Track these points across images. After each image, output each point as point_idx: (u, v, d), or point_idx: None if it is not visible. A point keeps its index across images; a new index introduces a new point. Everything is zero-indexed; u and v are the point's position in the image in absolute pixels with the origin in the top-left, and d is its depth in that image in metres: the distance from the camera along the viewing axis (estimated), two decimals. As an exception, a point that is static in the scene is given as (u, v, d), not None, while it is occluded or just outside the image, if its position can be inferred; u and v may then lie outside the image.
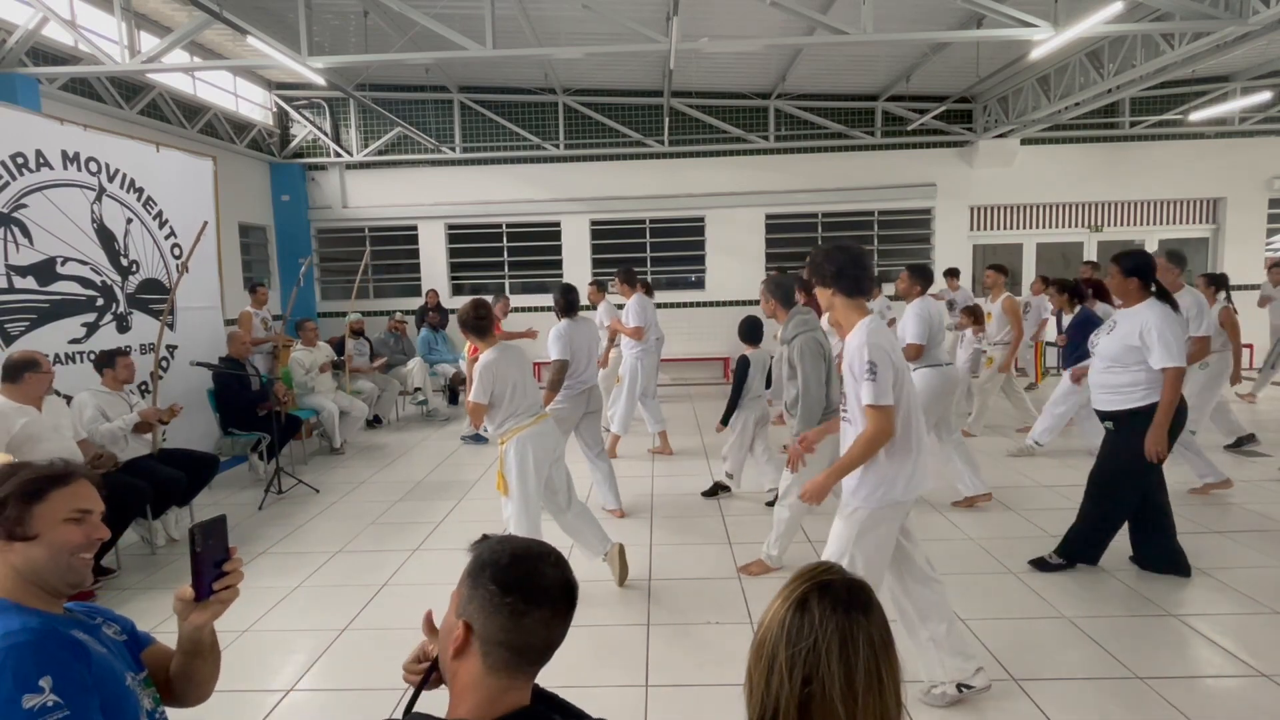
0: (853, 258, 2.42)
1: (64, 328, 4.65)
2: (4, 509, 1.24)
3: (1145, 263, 3.30)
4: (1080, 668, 2.77)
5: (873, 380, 2.28)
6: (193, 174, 5.97)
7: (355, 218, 11.33)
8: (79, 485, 1.31)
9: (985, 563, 3.77)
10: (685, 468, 5.82)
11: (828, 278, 2.43)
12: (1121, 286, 3.34)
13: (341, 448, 6.66)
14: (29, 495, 1.26)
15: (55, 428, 3.69)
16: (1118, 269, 3.33)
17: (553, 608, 1.04)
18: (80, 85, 7.30)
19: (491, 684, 1.03)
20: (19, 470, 1.30)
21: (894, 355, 2.35)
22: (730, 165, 10.95)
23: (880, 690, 0.92)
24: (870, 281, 2.48)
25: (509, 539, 1.11)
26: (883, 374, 2.28)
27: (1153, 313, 3.21)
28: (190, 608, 1.33)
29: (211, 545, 1.32)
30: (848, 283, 2.41)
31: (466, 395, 3.51)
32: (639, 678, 2.78)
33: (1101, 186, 10.70)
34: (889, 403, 2.29)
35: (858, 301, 2.44)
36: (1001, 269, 6.61)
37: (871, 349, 2.30)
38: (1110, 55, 7.55)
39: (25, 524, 1.24)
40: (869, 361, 2.28)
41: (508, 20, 7.32)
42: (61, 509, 1.28)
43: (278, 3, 7.28)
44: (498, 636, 1.02)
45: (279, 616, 3.39)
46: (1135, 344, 3.23)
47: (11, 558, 1.24)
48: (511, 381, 3.42)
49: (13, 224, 4.32)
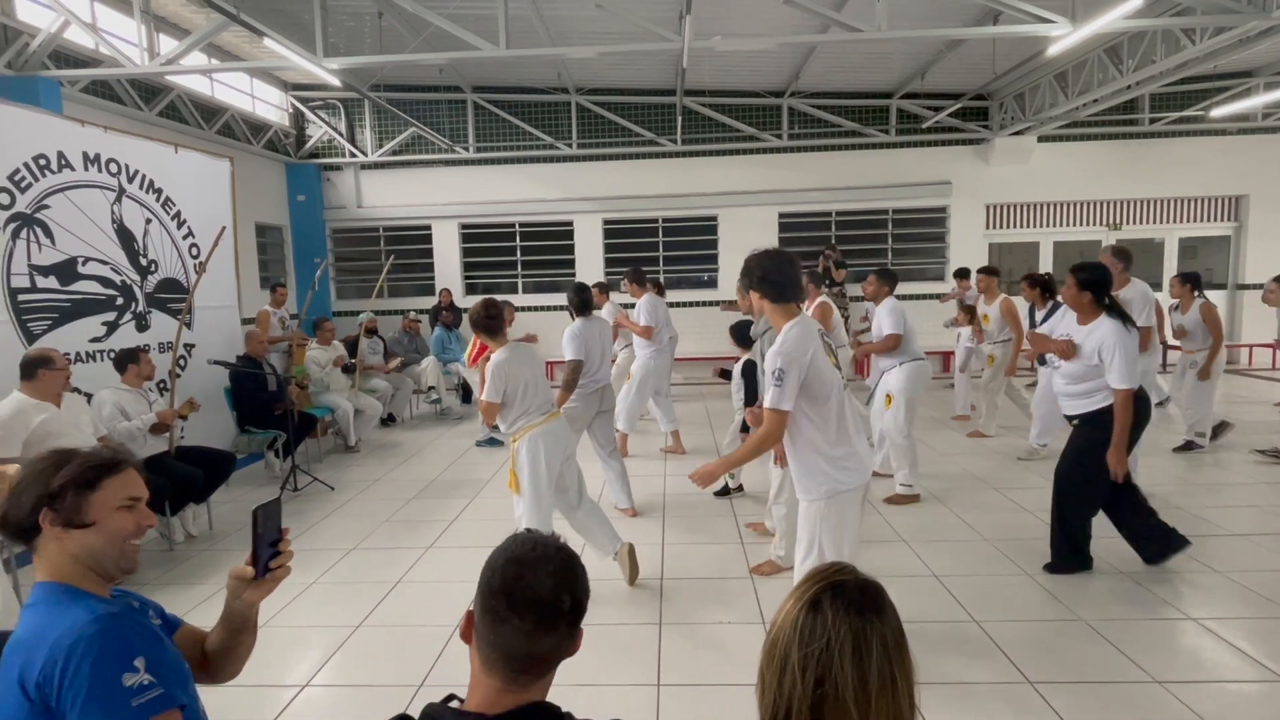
0: (779, 264, 2.53)
1: (85, 326, 4.72)
2: (63, 498, 1.26)
3: (1102, 277, 3.40)
4: (1097, 671, 2.74)
5: (778, 386, 2.40)
6: (210, 175, 6.04)
7: (370, 218, 11.42)
8: (129, 473, 1.34)
9: (1000, 565, 3.74)
10: (698, 467, 5.80)
11: (754, 281, 2.55)
12: (1076, 299, 3.42)
13: (356, 446, 6.72)
14: (85, 484, 1.28)
15: (75, 424, 3.74)
16: (1074, 280, 3.41)
17: (536, 620, 1.00)
18: (101, 87, 7.40)
19: (486, 683, 1.03)
20: (69, 458, 1.31)
21: (814, 361, 2.42)
22: (743, 164, 10.91)
23: (894, 692, 0.92)
24: (797, 288, 2.57)
25: (527, 539, 1.08)
26: (788, 381, 2.39)
27: (1110, 330, 3.30)
28: (245, 585, 1.39)
29: (269, 526, 1.38)
30: (772, 288, 2.52)
31: (479, 394, 3.52)
32: (651, 676, 2.79)
33: (1120, 184, 10.57)
34: (786, 408, 2.41)
35: (786, 306, 2.54)
36: (993, 271, 6.62)
37: (783, 356, 2.40)
38: (1130, 51, 7.45)
39: (83, 512, 1.27)
40: (778, 369, 2.40)
41: (521, 20, 7.34)
42: (115, 497, 1.30)
43: (294, 4, 7.35)
44: (485, 636, 1.02)
45: (295, 612, 3.43)
46: (1095, 363, 3.34)
47: (69, 545, 1.26)
48: (523, 380, 3.43)
49: (35, 224, 4.39)
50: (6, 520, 1.28)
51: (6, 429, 3.42)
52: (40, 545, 1.27)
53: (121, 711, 1.13)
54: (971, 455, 5.83)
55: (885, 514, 4.50)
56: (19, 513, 1.26)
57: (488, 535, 1.11)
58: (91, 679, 1.12)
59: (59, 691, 1.12)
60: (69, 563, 1.27)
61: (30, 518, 1.26)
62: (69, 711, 1.12)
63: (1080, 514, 3.55)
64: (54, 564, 1.27)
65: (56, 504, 1.26)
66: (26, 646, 1.17)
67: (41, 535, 1.26)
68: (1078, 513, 3.54)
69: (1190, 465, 5.42)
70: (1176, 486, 4.88)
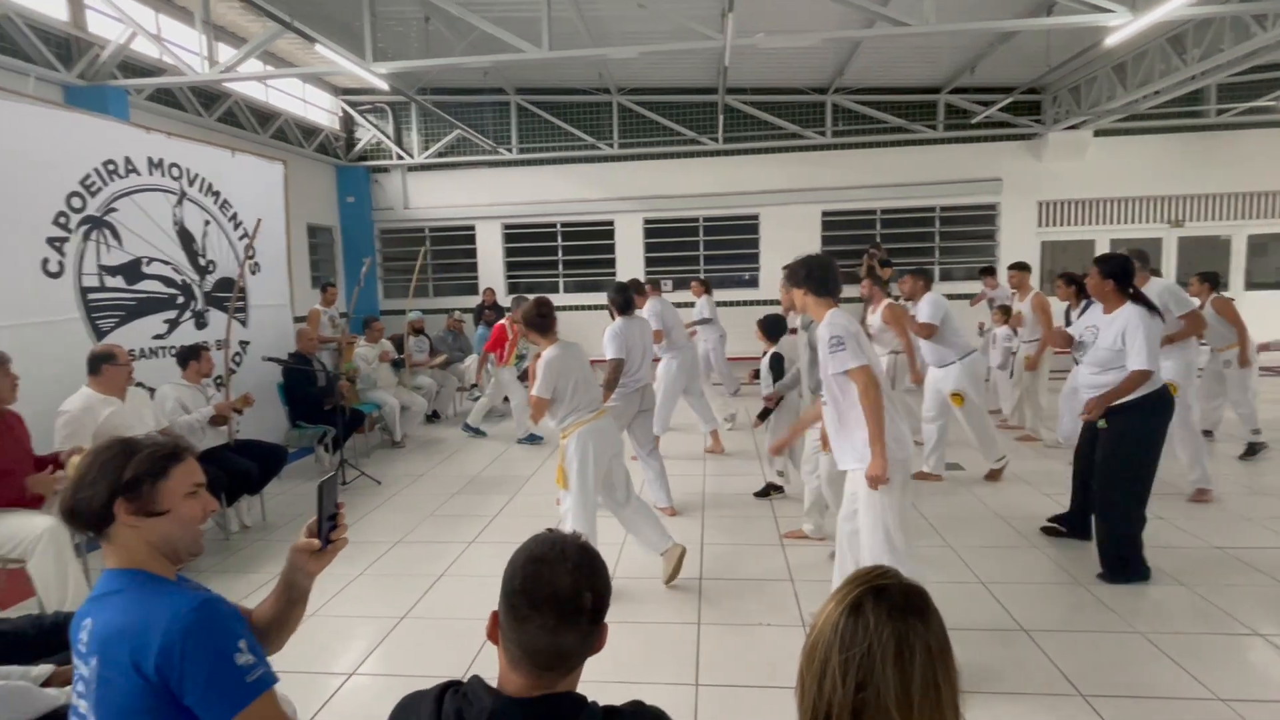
0: (820, 263, 2.86)
1: (148, 324, 4.93)
2: (137, 487, 1.31)
3: (1124, 267, 3.44)
4: (1154, 685, 2.63)
5: (842, 349, 2.63)
6: (265, 177, 6.24)
7: (416, 218, 11.66)
8: (191, 461, 1.40)
9: (1050, 572, 3.62)
10: (737, 467, 5.78)
11: (800, 279, 2.86)
12: (1099, 288, 3.46)
13: (402, 441, 6.87)
14: (157, 473, 1.33)
15: (138, 417, 3.91)
16: (1097, 270, 3.47)
17: (558, 617, 1.01)
18: (164, 95, 7.73)
19: (514, 680, 1.05)
20: (133, 448, 1.35)
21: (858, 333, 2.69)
22: (786, 162, 10.81)
23: (938, 699, 0.90)
24: (836, 283, 2.84)
25: (547, 538, 1.09)
26: (848, 343, 2.63)
27: (1132, 313, 3.35)
28: (306, 557, 1.45)
29: (328, 500, 1.44)
30: (815, 283, 2.84)
31: (529, 390, 3.56)
32: (689, 676, 2.78)
33: (1183, 179, 10.13)
34: (863, 361, 2.62)
35: (825, 300, 2.83)
36: (1024, 267, 6.48)
37: (832, 327, 2.68)
38: (1195, 39, 7.13)
39: (157, 500, 1.32)
40: (833, 337, 2.66)
41: (563, 22, 7.40)
42: (183, 484, 1.36)
43: (344, 11, 7.56)
44: (510, 634, 1.04)
45: (343, 603, 3.53)
46: (1120, 347, 3.36)
47: (145, 533, 1.32)
48: (574, 377, 3.49)
49: (105, 227, 4.61)
50: (77, 510, 1.31)
51: (77, 422, 3.60)
52: (113, 534, 1.31)
53: (239, 688, 1.21)
54: (1017, 458, 5.66)
55: (930, 519, 4.41)
56: (92, 503, 1.30)
57: (528, 532, 1.13)
58: (210, 661, 1.21)
59: (180, 674, 1.19)
60: (144, 549, 1.32)
61: (105, 508, 1.30)
62: (191, 691, 1.19)
63: (1131, 515, 3.43)
64: (129, 551, 1.32)
65: (131, 494, 1.30)
66: (134, 632, 1.21)
67: (115, 524, 1.31)
68: (1128, 514, 3.43)
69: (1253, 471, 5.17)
70: (1240, 494, 4.66)
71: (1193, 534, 4.02)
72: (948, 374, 5.02)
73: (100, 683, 1.22)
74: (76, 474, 1.34)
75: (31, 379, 3.43)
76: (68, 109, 5.06)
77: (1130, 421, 3.37)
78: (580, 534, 1.13)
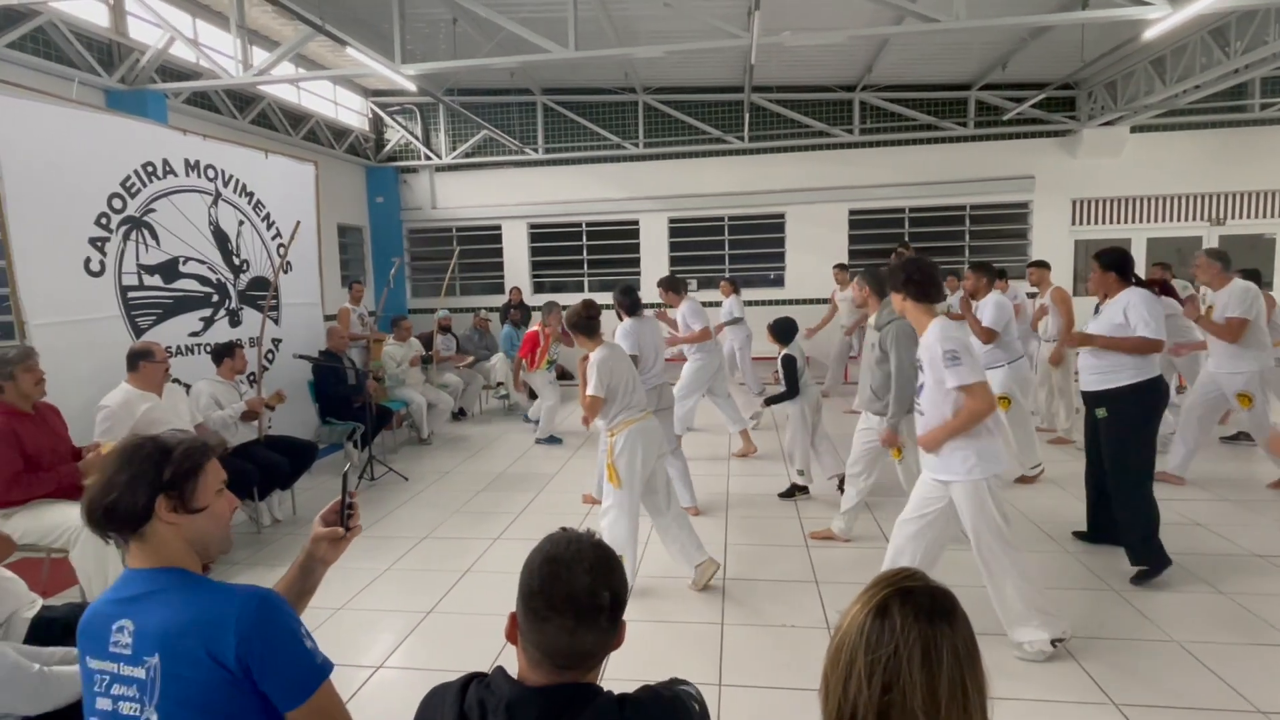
0: (921, 267, 2.82)
1: (185, 322, 5.06)
2: (178, 485, 1.32)
3: (1122, 259, 3.55)
4: (1190, 696, 2.56)
5: (959, 363, 2.60)
6: (296, 178, 6.37)
7: (444, 218, 11.79)
8: (215, 459, 1.42)
9: (1083, 578, 3.55)
10: (763, 468, 5.76)
11: (899, 284, 2.84)
12: (1101, 281, 3.57)
13: (429, 438, 6.96)
14: (192, 470, 1.34)
15: (174, 413, 4.02)
16: (1097, 265, 3.58)
17: (577, 617, 1.02)
18: (200, 98, 7.92)
19: (534, 679, 1.06)
20: (165, 445, 1.35)
21: (969, 344, 2.71)
22: (812, 160, 10.72)
23: (965, 703, 0.89)
24: (939, 289, 2.83)
25: (562, 538, 1.10)
26: (965, 358, 2.61)
27: (1134, 294, 3.45)
28: (327, 545, 1.50)
29: (348, 489, 1.51)
30: (916, 289, 2.81)
31: (582, 390, 3.58)
32: (713, 676, 2.78)
33: (1225, 175, 9.84)
34: (980, 379, 2.61)
35: (926, 306, 2.80)
36: (1044, 264, 6.31)
37: (946, 340, 2.65)
38: (1238, 32, 6.91)
39: (196, 497, 1.34)
40: (948, 351, 2.62)
41: (589, 22, 7.42)
42: (214, 481, 1.39)
43: (373, 14, 7.66)
44: (529, 635, 1.05)
45: (371, 596, 3.59)
46: (1120, 322, 3.44)
47: (185, 530, 1.33)
48: (624, 377, 3.55)
49: (144, 227, 4.74)
50: (116, 510, 1.29)
51: (116, 417, 3.70)
52: (149, 532, 1.31)
53: (312, 670, 1.29)
54: (1050, 462, 5.54)
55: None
56: (134, 502, 1.29)
57: (552, 529, 1.16)
58: (286, 647, 1.27)
59: (261, 661, 1.24)
60: (181, 548, 1.34)
61: (146, 507, 1.30)
62: (270, 677, 1.25)
63: (1142, 491, 3.43)
64: (166, 549, 1.33)
65: (173, 490, 1.32)
66: (205, 625, 1.24)
67: (151, 522, 1.31)
68: (1140, 491, 3.44)
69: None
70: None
71: (1231, 540, 3.91)
72: (994, 377, 4.82)
73: (168, 679, 1.24)
74: (102, 476, 1.32)
75: (73, 375, 3.54)
76: (110, 112, 5.21)
77: (1127, 407, 3.47)
78: (594, 532, 1.13)
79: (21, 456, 3.21)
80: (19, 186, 3.85)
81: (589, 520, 4.55)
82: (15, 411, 3.25)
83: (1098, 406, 3.58)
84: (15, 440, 3.19)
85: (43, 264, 4.00)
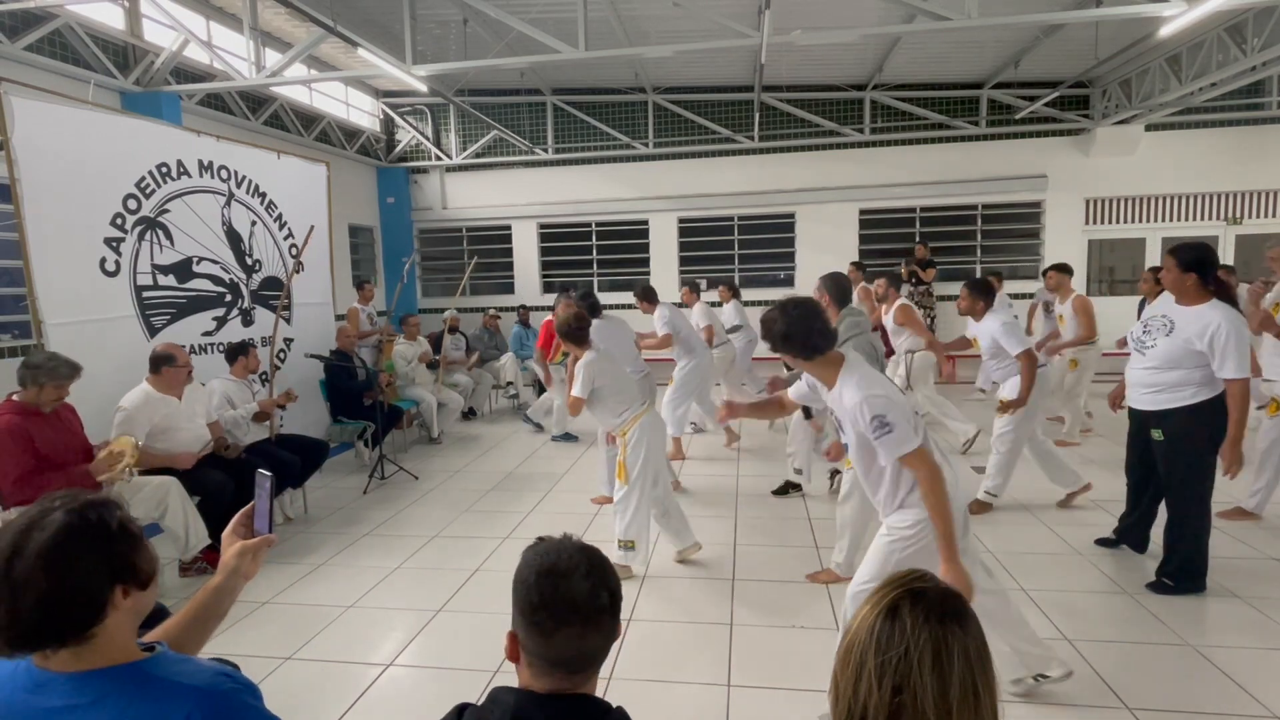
0: (802, 316, 2.24)
1: (198, 321, 5.10)
2: (137, 559, 1.09)
3: (1205, 257, 3.06)
4: (1205, 701, 2.53)
5: (889, 432, 2.10)
6: (308, 179, 6.41)
7: (454, 218, 11.84)
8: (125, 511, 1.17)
9: (1096, 581, 3.52)
10: (772, 469, 5.74)
11: (777, 342, 2.32)
12: (1178, 282, 3.11)
13: (439, 437, 6.99)
14: (135, 535, 1.11)
15: (191, 415, 4.06)
16: (1174, 262, 3.10)
17: (583, 624, 1.03)
18: (213, 99, 7.99)
19: (538, 685, 1.07)
20: (104, 512, 1.07)
21: (893, 393, 2.19)
22: (823, 159, 10.68)
23: (976, 706, 0.89)
24: (829, 339, 2.28)
25: (548, 548, 1.10)
26: (895, 421, 2.10)
27: (1223, 316, 2.99)
28: (248, 556, 1.34)
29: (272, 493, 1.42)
30: (799, 347, 2.25)
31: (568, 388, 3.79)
32: (721, 677, 2.77)
33: (1242, 174, 9.73)
34: (917, 444, 2.12)
35: (824, 359, 2.26)
36: (1065, 269, 6.04)
37: (869, 403, 2.13)
38: (1255, 28, 6.83)
39: (146, 564, 1.11)
40: (873, 417, 2.11)
41: (599, 22, 7.43)
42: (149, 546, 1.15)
43: (385, 15, 7.70)
44: (535, 650, 1.05)
45: (380, 595, 3.60)
46: (1199, 348, 3.03)
47: (141, 605, 1.10)
48: (610, 377, 3.72)
49: (158, 227, 4.78)
50: (63, 615, 1.00)
51: (133, 420, 3.74)
52: (100, 630, 1.03)
53: None
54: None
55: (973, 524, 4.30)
56: (91, 599, 1.01)
57: (561, 529, 1.15)
58: None
59: None
60: (129, 632, 1.09)
61: (105, 600, 1.03)
62: None
63: (1205, 523, 3.24)
64: (112, 646, 1.05)
65: (130, 575, 1.07)
66: None
67: (108, 618, 1.03)
68: (1203, 524, 3.24)
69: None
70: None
71: (1249, 545, 3.86)
72: (1011, 385, 4.54)
73: None
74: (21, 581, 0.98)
75: (88, 374, 3.57)
76: (125, 114, 5.26)
77: (1194, 429, 3.13)
78: (572, 535, 1.15)
79: (34, 456, 3.24)
80: (36, 187, 3.90)
81: (598, 520, 4.56)
82: (30, 411, 3.29)
83: (1154, 428, 3.25)
84: (27, 439, 3.23)
85: (59, 264, 4.05)
